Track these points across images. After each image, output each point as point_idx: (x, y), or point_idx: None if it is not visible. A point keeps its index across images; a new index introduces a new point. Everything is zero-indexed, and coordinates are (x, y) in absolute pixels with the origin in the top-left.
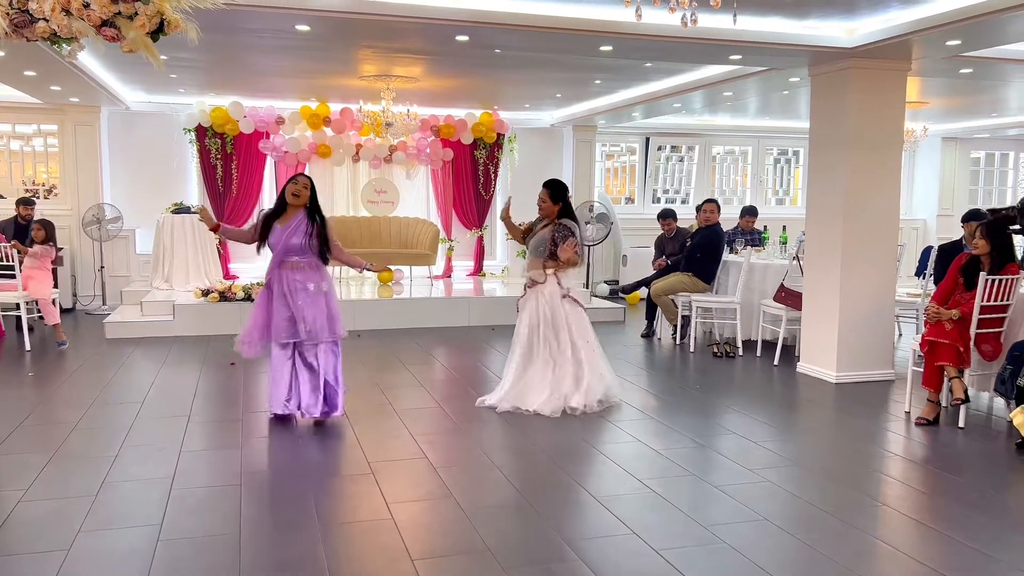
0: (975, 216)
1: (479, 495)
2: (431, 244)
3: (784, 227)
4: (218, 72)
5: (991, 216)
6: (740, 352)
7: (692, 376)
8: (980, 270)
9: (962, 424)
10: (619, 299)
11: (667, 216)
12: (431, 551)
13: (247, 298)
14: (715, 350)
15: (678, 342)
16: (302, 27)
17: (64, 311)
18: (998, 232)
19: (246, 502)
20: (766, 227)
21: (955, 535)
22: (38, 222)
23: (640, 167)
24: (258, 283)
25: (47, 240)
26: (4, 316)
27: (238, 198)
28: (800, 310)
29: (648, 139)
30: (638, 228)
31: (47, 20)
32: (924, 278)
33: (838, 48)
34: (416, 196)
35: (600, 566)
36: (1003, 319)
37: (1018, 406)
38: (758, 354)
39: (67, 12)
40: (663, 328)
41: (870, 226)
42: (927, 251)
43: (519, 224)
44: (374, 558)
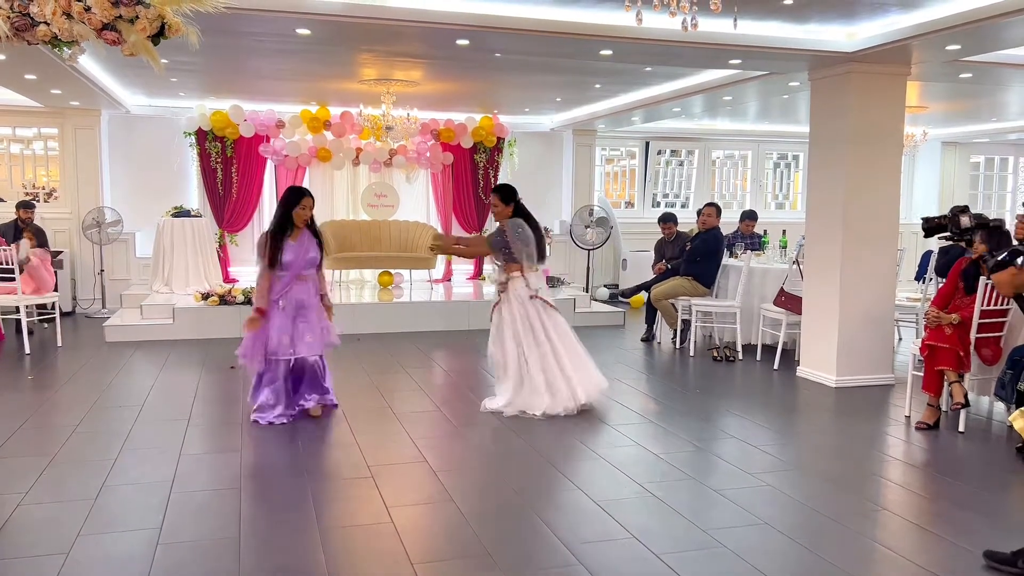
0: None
1: (479, 499)
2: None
3: (784, 231)
4: (218, 76)
5: (924, 224)
6: (740, 356)
7: (692, 380)
8: (980, 274)
9: (962, 428)
10: (619, 303)
11: (667, 220)
12: (431, 555)
13: (247, 301)
14: (715, 354)
15: (678, 346)
16: (302, 31)
17: (64, 314)
18: (997, 235)
19: (246, 506)
20: (766, 231)
21: (955, 539)
22: (28, 231)
23: (640, 171)
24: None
25: (40, 246)
26: (4, 319)
27: (238, 202)
28: (800, 314)
29: (648, 143)
30: (638, 232)
31: (48, 23)
32: (924, 282)
33: (838, 52)
34: (416, 200)
35: (600, 570)
36: (1003, 323)
37: (1018, 409)
38: (758, 358)
39: (68, 16)
40: (663, 332)
41: (870, 230)
42: (927, 255)
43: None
44: (374, 562)
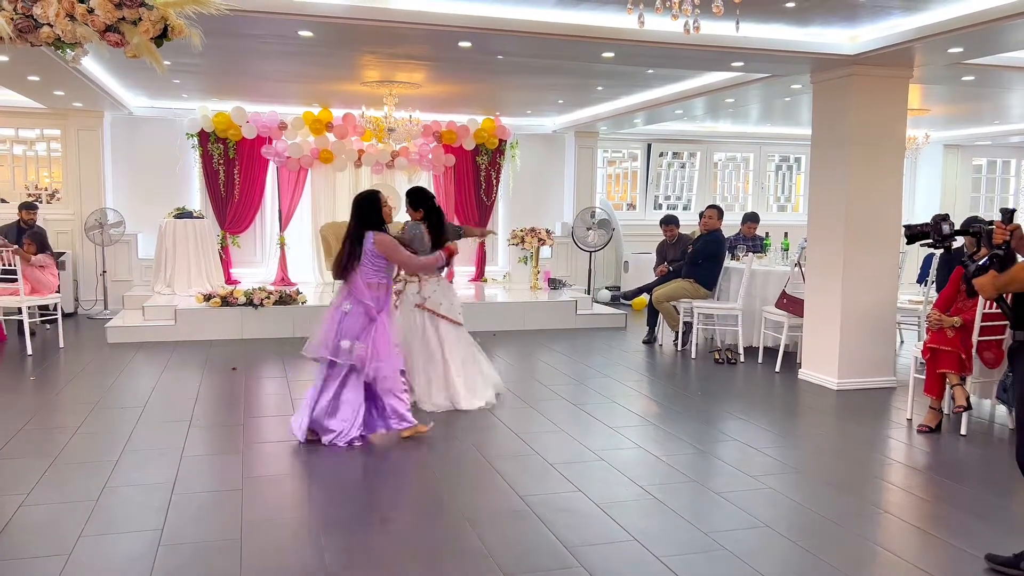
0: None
1: (480, 501)
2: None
3: (786, 234)
4: (221, 77)
5: (906, 231)
6: (742, 359)
7: (694, 383)
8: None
9: (964, 432)
10: (621, 305)
11: (669, 222)
12: (432, 556)
13: (248, 303)
14: (717, 356)
15: (679, 348)
16: (305, 33)
17: (66, 315)
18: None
19: (247, 507)
20: (768, 234)
21: (957, 542)
22: (28, 236)
23: (642, 173)
24: (260, 288)
25: (41, 251)
26: (6, 320)
27: (240, 203)
28: (802, 317)
29: (650, 145)
30: (640, 234)
31: (51, 25)
32: (926, 285)
33: (840, 55)
34: None
35: (601, 573)
36: (1005, 327)
37: None
38: (760, 361)
39: (71, 17)
40: (664, 334)
41: (872, 233)
42: (929, 258)
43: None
44: (374, 563)
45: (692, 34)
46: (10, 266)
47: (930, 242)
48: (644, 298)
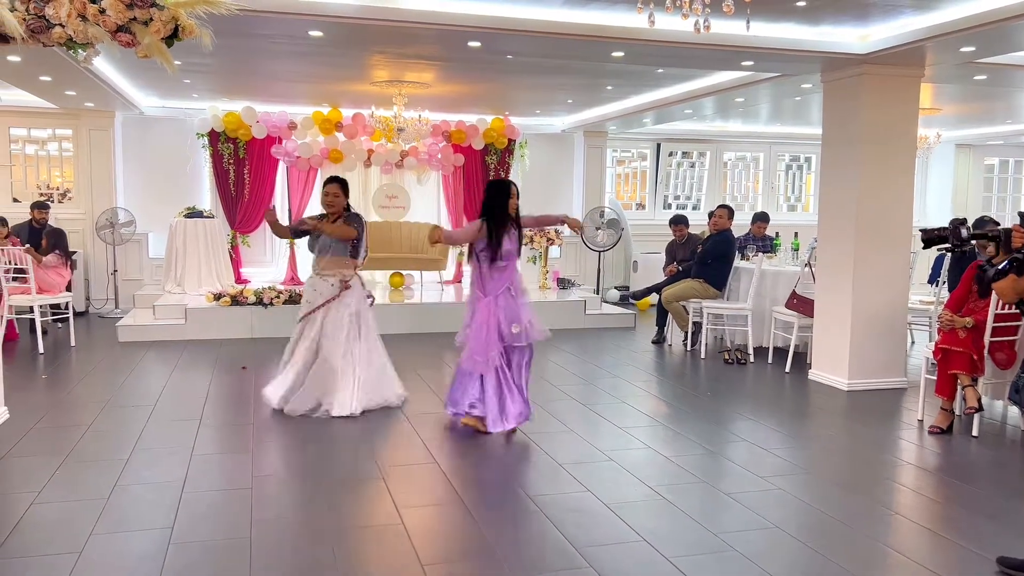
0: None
1: (489, 501)
2: (442, 249)
3: (796, 233)
4: (231, 77)
5: (923, 236)
6: (751, 359)
7: (703, 383)
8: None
9: (976, 433)
10: (630, 305)
11: (678, 222)
12: (441, 556)
13: (258, 302)
14: (726, 357)
15: (689, 348)
16: (315, 33)
17: (77, 314)
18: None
19: (257, 506)
20: (778, 233)
21: (968, 544)
22: (46, 235)
23: (651, 173)
24: (270, 287)
25: (54, 249)
26: (18, 319)
27: (250, 203)
28: (812, 317)
29: (659, 145)
30: (649, 234)
31: (63, 26)
32: (937, 285)
33: (851, 54)
34: (427, 201)
35: (610, 573)
36: (1017, 327)
37: None
38: (769, 361)
39: (83, 18)
40: (674, 334)
41: (883, 233)
42: (940, 259)
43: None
44: (384, 563)
45: (702, 33)
46: (22, 265)
47: (948, 246)
48: (649, 299)
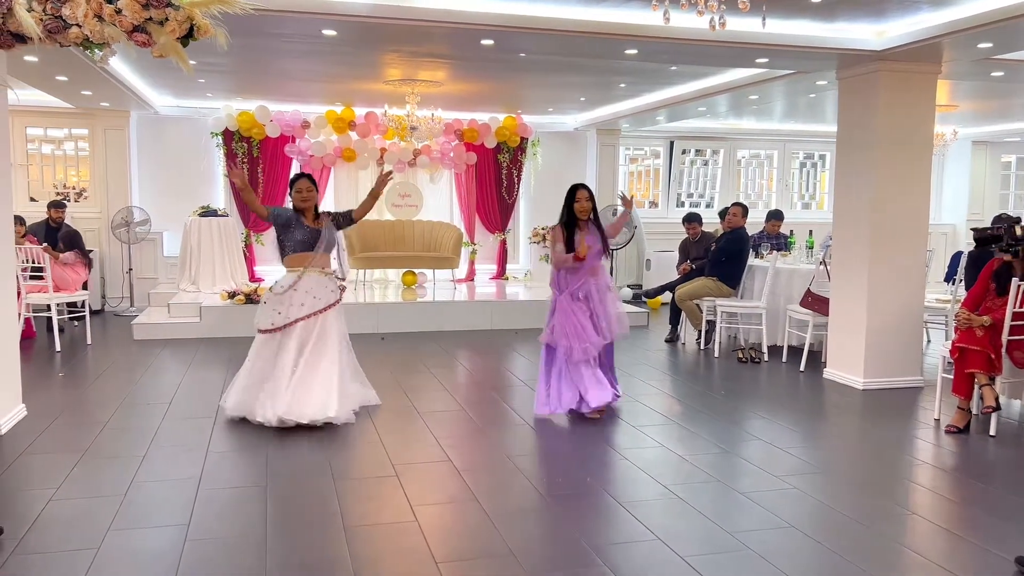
0: (1005, 220)
1: (503, 499)
2: (454, 248)
3: (811, 231)
4: (245, 77)
5: (976, 235)
6: (766, 357)
7: (717, 382)
8: (1012, 275)
9: (993, 432)
10: (642, 303)
11: (692, 220)
12: (455, 554)
13: None
14: (740, 355)
15: (703, 347)
16: (329, 32)
17: (93, 312)
18: None
19: (272, 503)
20: (792, 231)
21: (986, 545)
22: (62, 239)
23: (664, 171)
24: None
25: (70, 250)
26: (35, 317)
27: (263, 201)
28: (827, 315)
29: (672, 142)
30: (662, 232)
31: (80, 26)
32: (953, 284)
33: (867, 51)
34: (440, 200)
35: (625, 572)
36: None
37: None
38: (784, 360)
39: (99, 18)
40: (687, 333)
41: (898, 231)
42: (956, 256)
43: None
44: (398, 560)
45: (717, 30)
46: (38, 263)
47: (1002, 245)
48: (661, 297)
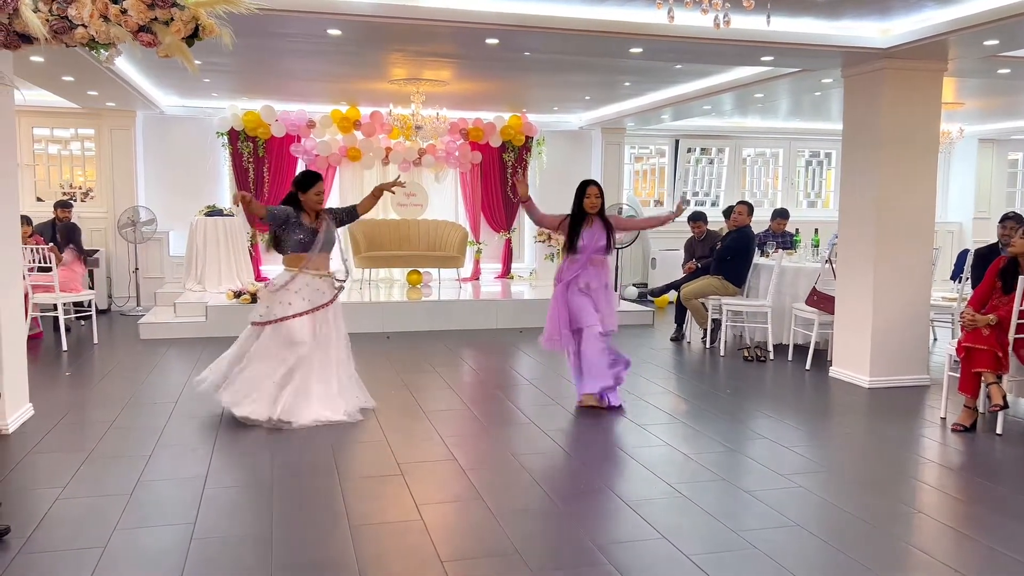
0: (1013, 217)
1: (508, 498)
2: (459, 247)
3: (816, 230)
4: (250, 76)
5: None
6: (771, 356)
7: (722, 380)
8: (1019, 273)
9: (1000, 431)
10: (648, 302)
11: (697, 219)
12: (460, 553)
13: None
14: (745, 354)
15: (708, 346)
16: (334, 31)
17: (100, 312)
18: None
19: (277, 502)
20: (797, 230)
21: (992, 544)
22: (59, 232)
23: (669, 169)
24: None
25: (68, 244)
26: (42, 316)
27: (269, 200)
28: (832, 314)
29: (678, 141)
30: (667, 231)
31: (86, 26)
32: (959, 282)
33: (872, 49)
34: (445, 199)
35: (629, 570)
36: None
37: None
38: (789, 358)
39: (105, 18)
40: (693, 332)
41: (904, 229)
42: (963, 255)
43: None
44: (403, 559)
45: (722, 28)
46: (46, 262)
47: None
48: (667, 296)
